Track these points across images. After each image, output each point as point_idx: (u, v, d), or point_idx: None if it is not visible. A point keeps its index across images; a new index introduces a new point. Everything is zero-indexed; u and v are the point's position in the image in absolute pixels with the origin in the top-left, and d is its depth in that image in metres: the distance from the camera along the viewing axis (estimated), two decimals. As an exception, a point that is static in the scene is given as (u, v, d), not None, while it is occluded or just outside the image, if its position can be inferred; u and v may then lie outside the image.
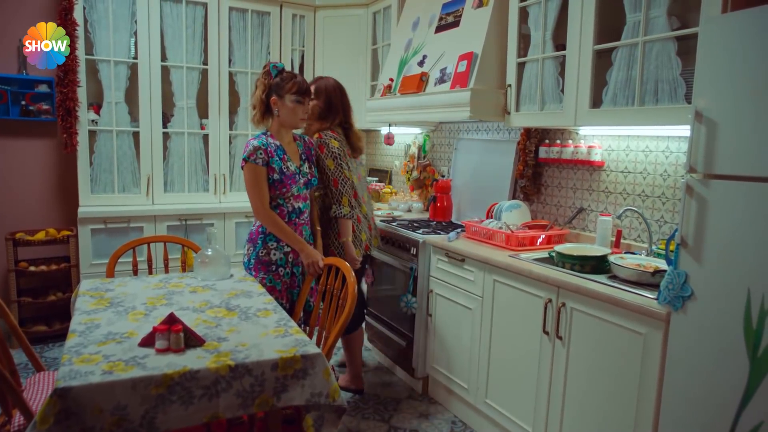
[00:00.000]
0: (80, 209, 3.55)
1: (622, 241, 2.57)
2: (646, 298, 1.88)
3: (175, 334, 1.67)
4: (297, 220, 2.56)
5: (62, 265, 3.68)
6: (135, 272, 2.72)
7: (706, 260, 1.61)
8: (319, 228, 2.71)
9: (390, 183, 4.59)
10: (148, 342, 1.70)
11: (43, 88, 3.70)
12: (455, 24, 3.06)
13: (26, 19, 3.61)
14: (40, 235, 3.63)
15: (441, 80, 3.01)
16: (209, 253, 2.50)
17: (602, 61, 2.32)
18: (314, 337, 2.42)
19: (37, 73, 3.69)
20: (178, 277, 2.50)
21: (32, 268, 3.61)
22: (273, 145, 2.49)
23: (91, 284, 2.35)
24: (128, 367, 1.54)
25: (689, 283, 1.65)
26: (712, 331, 1.59)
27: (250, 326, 1.91)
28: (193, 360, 1.61)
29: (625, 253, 2.37)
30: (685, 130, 2.05)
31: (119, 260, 2.67)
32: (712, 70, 1.60)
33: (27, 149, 3.77)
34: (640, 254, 2.34)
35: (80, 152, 3.58)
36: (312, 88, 2.71)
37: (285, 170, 2.48)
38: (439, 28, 3.19)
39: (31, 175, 3.79)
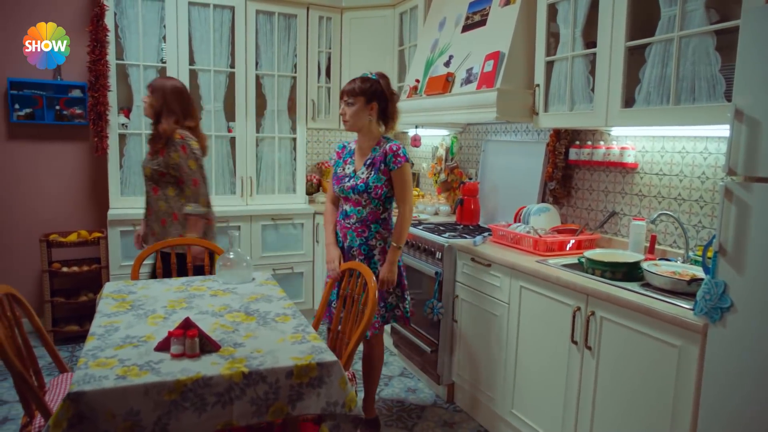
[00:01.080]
0: (110, 211, 3.61)
1: (656, 246, 2.45)
2: (682, 308, 1.77)
3: (190, 339, 1.65)
4: (343, 222, 2.61)
5: (93, 266, 3.75)
6: (159, 275, 2.73)
7: (747, 269, 1.50)
8: (394, 244, 2.52)
9: (417, 185, 4.53)
10: (163, 347, 1.69)
11: (76, 93, 3.79)
12: (482, 23, 2.98)
13: (62, 26, 3.69)
14: (72, 237, 3.70)
15: (467, 80, 2.94)
16: (231, 256, 2.49)
17: (635, 59, 2.22)
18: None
19: (71, 78, 3.78)
20: (201, 280, 2.50)
21: (65, 269, 3.69)
22: (348, 148, 2.66)
23: (114, 286, 2.37)
24: (142, 372, 1.52)
25: (728, 293, 1.54)
26: (754, 346, 1.48)
27: (268, 332, 1.88)
28: (207, 366, 1.58)
29: (660, 259, 2.25)
30: (724, 130, 1.93)
31: (147, 262, 2.70)
32: (754, 65, 1.49)
33: (61, 152, 3.86)
34: (676, 261, 2.23)
35: (110, 155, 3.64)
36: (150, 88, 2.82)
37: (339, 172, 2.62)
38: (466, 28, 3.12)
39: (64, 178, 3.88)
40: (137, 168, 3.76)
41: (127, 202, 3.73)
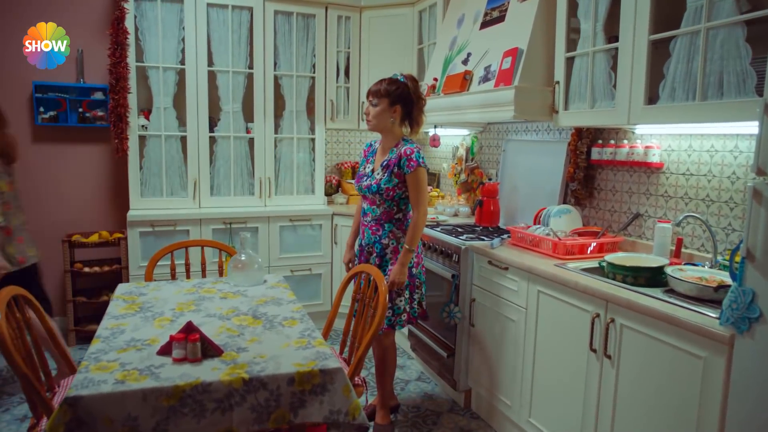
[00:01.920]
0: (129, 213, 3.64)
1: (683, 250, 2.33)
2: (707, 317, 1.66)
3: (191, 343, 1.63)
4: (362, 219, 2.67)
5: (114, 266, 3.79)
6: (173, 276, 2.73)
7: (777, 277, 1.39)
8: (407, 246, 2.47)
9: (438, 186, 4.46)
10: (166, 351, 1.67)
11: (98, 96, 3.83)
12: (500, 19, 2.90)
13: (85, 29, 3.75)
14: (94, 238, 3.75)
15: (485, 78, 2.85)
16: (242, 258, 2.47)
17: (659, 53, 2.11)
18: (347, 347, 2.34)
19: (93, 80, 3.83)
20: (212, 282, 2.48)
21: (86, 269, 3.74)
22: (373, 147, 2.70)
23: (126, 288, 2.37)
24: (141, 377, 1.51)
25: (757, 302, 1.43)
26: (785, 359, 1.37)
27: (273, 336, 1.84)
28: (207, 371, 1.56)
29: (685, 264, 2.13)
30: (755, 127, 1.80)
31: (162, 263, 2.70)
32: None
33: (84, 154, 3.92)
34: (703, 266, 2.11)
35: (131, 157, 3.67)
36: None
37: (360, 170, 2.67)
38: (484, 24, 3.04)
39: (87, 179, 3.94)
40: (157, 169, 3.80)
41: (147, 203, 3.76)
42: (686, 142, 2.35)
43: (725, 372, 1.55)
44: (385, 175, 2.51)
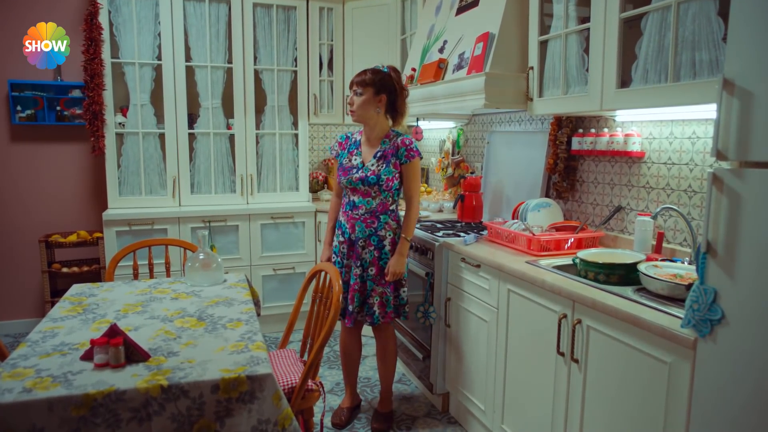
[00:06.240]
0: (105, 212, 3.57)
1: (665, 245, 2.17)
2: (675, 318, 1.51)
3: (113, 347, 1.53)
4: (350, 212, 2.55)
5: (93, 266, 3.73)
6: (135, 276, 2.65)
7: (740, 273, 1.24)
8: (404, 236, 2.49)
9: (426, 182, 4.32)
10: (89, 356, 1.57)
11: (76, 93, 3.77)
12: (475, 3, 2.75)
13: (61, 26, 3.68)
14: (72, 238, 3.69)
15: (459, 66, 2.71)
16: (201, 257, 2.37)
17: (632, 33, 1.95)
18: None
19: (71, 78, 3.77)
20: (169, 282, 2.39)
21: (65, 270, 3.69)
22: (353, 139, 2.60)
23: (78, 289, 2.29)
24: (52, 385, 1.41)
25: (719, 302, 1.28)
26: (749, 365, 1.22)
27: (211, 339, 1.74)
28: (125, 378, 1.45)
29: (663, 260, 1.97)
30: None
31: (137, 263, 2.68)
32: (750, 27, 1.23)
33: (62, 153, 3.86)
34: (683, 262, 1.95)
35: (108, 155, 3.60)
36: None
37: (345, 163, 2.55)
38: (460, 10, 2.89)
39: (66, 179, 3.89)
40: (135, 167, 3.72)
41: (126, 202, 3.68)
42: (667, 128, 2.19)
43: (690, 379, 1.40)
44: (384, 165, 2.46)
